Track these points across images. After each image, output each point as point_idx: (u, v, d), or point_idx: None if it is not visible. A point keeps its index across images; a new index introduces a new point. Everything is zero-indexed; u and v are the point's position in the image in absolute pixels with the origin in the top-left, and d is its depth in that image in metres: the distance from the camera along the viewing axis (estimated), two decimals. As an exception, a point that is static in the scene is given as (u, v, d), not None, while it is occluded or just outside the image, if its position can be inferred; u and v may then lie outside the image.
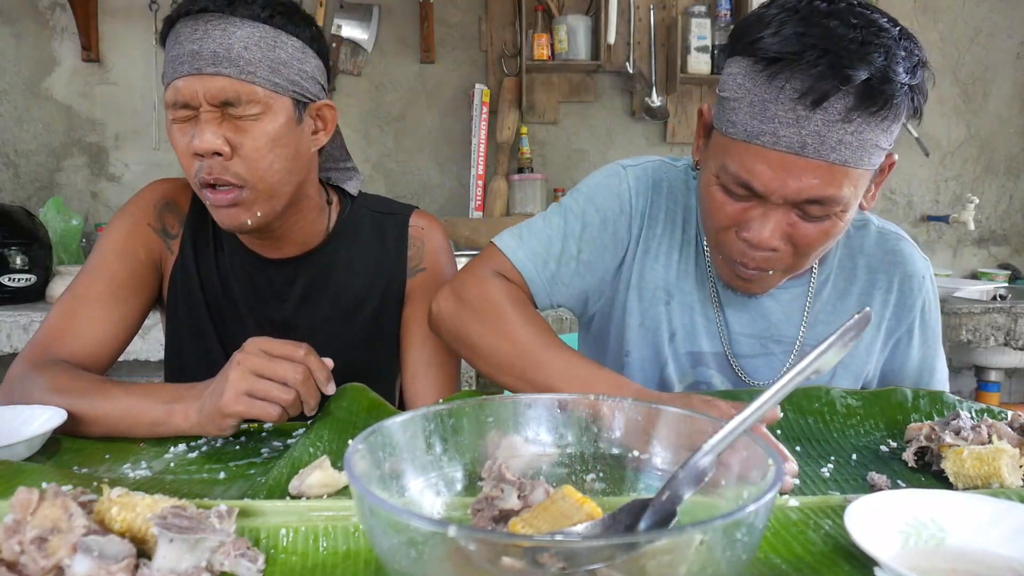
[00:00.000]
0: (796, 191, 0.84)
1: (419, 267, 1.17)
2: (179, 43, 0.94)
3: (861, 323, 0.53)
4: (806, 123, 0.80)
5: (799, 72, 0.79)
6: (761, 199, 0.87)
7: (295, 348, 0.83)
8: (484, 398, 0.62)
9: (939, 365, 1.14)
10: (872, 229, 1.10)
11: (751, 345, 1.08)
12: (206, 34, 0.93)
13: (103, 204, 2.79)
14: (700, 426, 0.57)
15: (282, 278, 1.12)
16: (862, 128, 0.81)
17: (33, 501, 0.50)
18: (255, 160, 0.96)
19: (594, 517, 0.52)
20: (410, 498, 0.56)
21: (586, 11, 2.80)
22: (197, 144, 0.93)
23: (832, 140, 0.80)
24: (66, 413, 0.84)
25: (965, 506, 0.59)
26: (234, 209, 0.98)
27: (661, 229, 1.08)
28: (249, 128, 0.95)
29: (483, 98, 2.72)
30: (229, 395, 0.80)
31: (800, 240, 0.89)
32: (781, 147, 0.82)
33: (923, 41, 0.86)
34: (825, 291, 1.08)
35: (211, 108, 0.93)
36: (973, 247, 3.14)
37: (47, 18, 2.71)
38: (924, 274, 1.09)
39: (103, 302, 1.04)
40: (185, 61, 0.93)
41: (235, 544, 0.53)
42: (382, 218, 1.18)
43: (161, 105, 2.74)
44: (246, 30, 0.94)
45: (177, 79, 0.93)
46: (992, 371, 2.74)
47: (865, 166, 0.84)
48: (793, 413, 0.91)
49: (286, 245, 1.11)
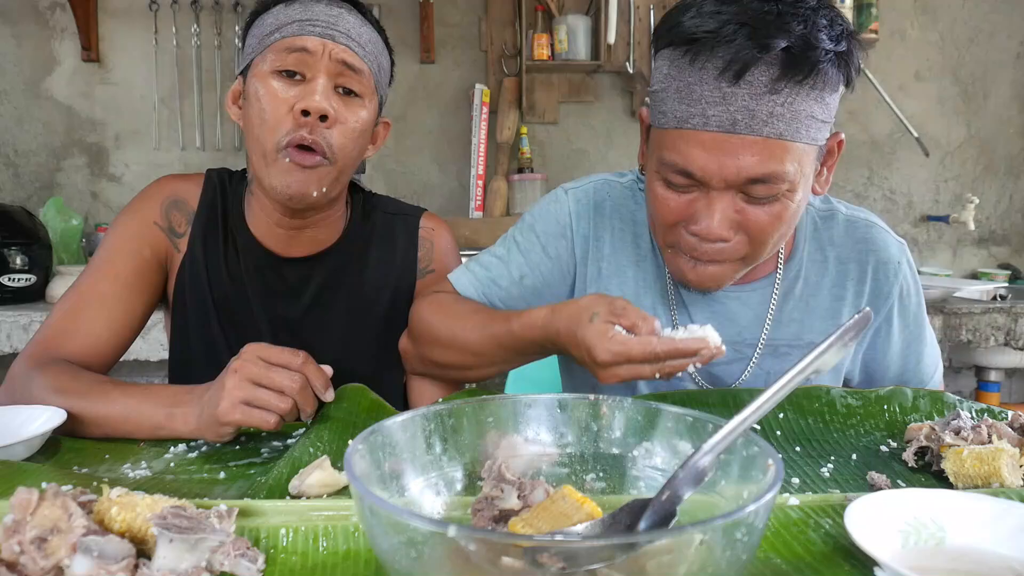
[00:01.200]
0: (735, 171, 0.82)
1: (428, 268, 1.19)
2: (307, 8, 0.99)
3: (861, 323, 0.53)
4: (733, 99, 0.79)
5: (719, 49, 0.79)
6: (704, 188, 0.85)
7: (293, 356, 0.83)
8: (484, 398, 0.62)
9: (926, 351, 1.10)
10: (840, 219, 1.06)
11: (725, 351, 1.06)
12: (340, 15, 1.00)
13: (103, 204, 2.79)
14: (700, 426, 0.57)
15: (297, 276, 1.12)
16: (791, 99, 0.79)
17: (33, 501, 0.50)
18: (348, 136, 1.01)
19: (594, 517, 0.52)
20: (410, 498, 0.56)
21: (586, 11, 2.80)
22: (310, 102, 0.96)
23: (763, 113, 0.79)
24: (65, 414, 0.83)
25: (965, 506, 0.59)
26: (312, 174, 0.99)
27: (610, 248, 1.07)
28: (353, 106, 1.01)
29: (483, 98, 2.72)
30: (226, 404, 0.79)
31: (751, 227, 0.86)
32: (712, 127, 0.81)
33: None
34: (797, 288, 1.04)
35: (329, 74, 0.98)
36: (973, 247, 3.14)
37: (47, 18, 2.71)
38: (900, 259, 1.05)
39: (107, 301, 1.04)
40: (318, 24, 0.98)
41: (235, 544, 0.53)
42: (393, 219, 1.19)
43: (161, 105, 2.75)
44: (369, 29, 1.04)
45: (303, 35, 0.97)
46: (992, 371, 2.74)
47: (803, 139, 0.82)
48: (793, 413, 0.91)
49: (304, 242, 1.11)
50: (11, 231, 2.21)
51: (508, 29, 2.87)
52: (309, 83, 0.98)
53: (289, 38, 0.98)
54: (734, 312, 1.04)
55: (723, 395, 0.93)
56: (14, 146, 2.75)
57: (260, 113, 0.98)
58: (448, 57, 2.88)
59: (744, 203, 0.85)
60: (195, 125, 2.76)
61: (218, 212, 1.11)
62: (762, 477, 0.49)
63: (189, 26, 2.72)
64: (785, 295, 1.04)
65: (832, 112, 0.86)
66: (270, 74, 0.98)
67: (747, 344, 1.05)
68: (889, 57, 2.96)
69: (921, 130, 2.95)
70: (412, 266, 1.18)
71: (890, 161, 3.06)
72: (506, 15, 2.86)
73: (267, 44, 0.99)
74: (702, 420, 0.57)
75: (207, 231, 1.11)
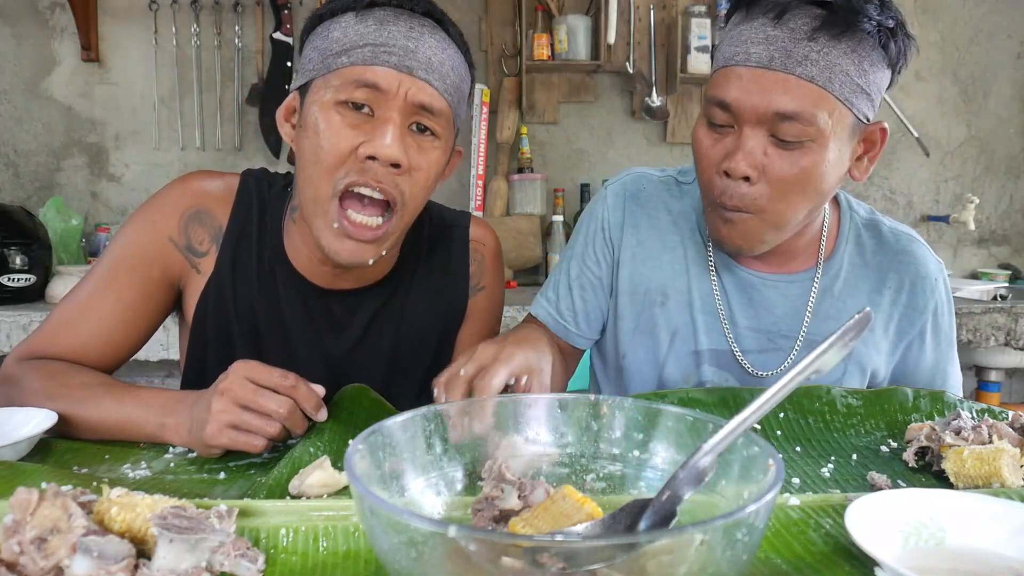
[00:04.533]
0: (766, 105, 0.87)
1: (479, 286, 1.11)
2: (383, 28, 0.85)
3: (861, 323, 0.53)
4: (774, 41, 0.87)
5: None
6: (739, 128, 0.91)
7: (282, 378, 0.79)
8: (484, 398, 0.62)
9: (952, 370, 1.12)
10: (884, 229, 1.10)
11: (757, 340, 1.08)
12: (421, 37, 0.87)
13: (103, 204, 2.79)
14: (700, 426, 0.57)
15: (343, 309, 1.02)
16: (827, 49, 0.86)
17: (33, 501, 0.50)
18: (420, 185, 0.89)
19: (594, 517, 0.52)
20: (410, 498, 0.56)
21: (586, 11, 2.80)
22: (380, 148, 0.84)
23: (798, 55, 0.86)
24: (56, 416, 0.82)
25: (965, 506, 0.59)
26: (366, 246, 0.88)
27: (645, 235, 1.12)
28: (428, 149, 0.89)
29: (483, 98, 2.72)
30: (212, 428, 0.76)
31: (774, 174, 0.90)
32: (752, 63, 0.88)
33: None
34: (836, 287, 1.07)
35: (403, 114, 0.86)
36: (973, 247, 3.14)
37: (47, 18, 2.71)
38: (937, 277, 1.08)
39: (106, 321, 0.96)
40: (394, 53, 0.85)
41: (235, 544, 0.53)
42: (442, 232, 1.09)
43: (161, 105, 2.75)
44: (453, 52, 0.90)
45: (376, 65, 0.84)
46: (992, 371, 2.74)
47: (836, 92, 0.87)
48: (793, 413, 0.91)
49: (352, 278, 1.01)
50: (11, 231, 2.21)
51: (508, 29, 2.87)
52: (379, 121, 0.85)
53: (360, 67, 0.85)
54: (771, 301, 1.07)
55: (723, 395, 0.93)
56: (14, 146, 2.75)
57: (316, 149, 0.86)
58: (448, 57, 2.88)
59: (773, 147, 0.89)
60: (195, 125, 2.76)
61: (253, 232, 0.99)
62: (762, 477, 0.49)
63: (189, 26, 2.72)
64: (824, 292, 1.07)
65: (874, 88, 0.90)
66: (333, 105, 0.86)
67: (782, 335, 1.07)
68: (889, 57, 2.96)
69: (921, 130, 2.95)
70: (464, 285, 1.08)
71: (890, 161, 3.06)
72: (506, 15, 2.86)
73: (332, 67, 0.86)
74: (702, 420, 0.57)
75: (238, 251, 0.99)
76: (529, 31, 2.77)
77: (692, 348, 1.09)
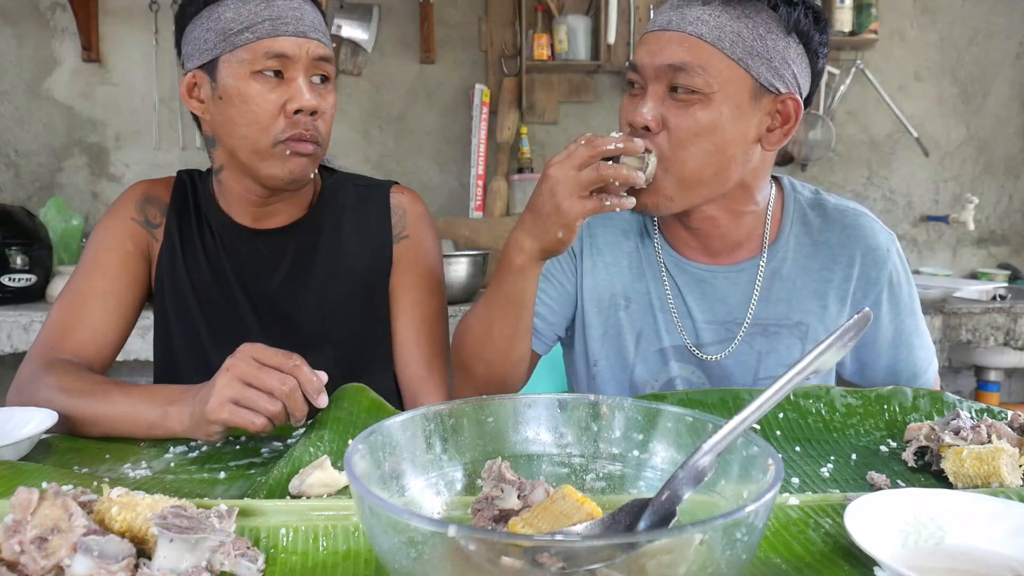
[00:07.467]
0: (661, 59, 0.95)
1: (403, 234, 1.21)
2: (272, 5, 1.00)
3: (860, 323, 0.53)
4: (676, 7, 0.97)
5: None
6: (644, 84, 0.98)
7: (286, 358, 0.82)
8: (484, 398, 0.62)
9: (918, 342, 1.11)
10: (828, 207, 1.11)
11: (716, 332, 1.09)
12: (301, 7, 1.03)
13: (103, 204, 2.79)
14: (700, 426, 0.57)
15: (272, 248, 1.15)
16: (718, 12, 0.94)
17: (33, 501, 0.50)
18: (328, 121, 1.07)
19: (594, 517, 0.52)
20: (410, 498, 0.56)
21: (586, 11, 2.80)
22: (302, 102, 1.00)
23: (690, 16, 0.95)
24: (56, 416, 0.84)
25: (965, 506, 0.59)
26: (310, 159, 1.05)
27: (603, 241, 1.14)
28: (328, 93, 1.06)
29: (483, 98, 2.72)
30: (214, 402, 0.79)
31: (671, 123, 0.95)
32: (656, 27, 0.98)
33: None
34: (785, 268, 1.08)
35: (307, 71, 1.02)
36: (973, 247, 3.14)
37: (47, 18, 2.71)
38: (889, 247, 1.08)
39: (101, 297, 1.09)
40: (288, 23, 1.00)
41: (235, 544, 0.53)
42: (364, 190, 1.23)
43: (161, 105, 2.75)
44: (314, 7, 1.06)
45: (278, 36, 1.00)
46: (992, 371, 2.74)
47: (728, 51, 0.93)
48: (793, 413, 0.91)
49: (276, 214, 1.15)
50: (11, 231, 2.21)
51: (508, 29, 2.87)
52: (292, 82, 1.02)
53: (266, 40, 0.99)
54: (723, 292, 1.09)
55: (723, 395, 0.93)
56: (14, 146, 2.75)
57: (247, 113, 1.01)
58: (448, 57, 2.88)
59: (671, 100, 0.96)
60: (195, 125, 2.76)
61: (190, 201, 1.17)
62: (762, 477, 0.49)
63: (189, 26, 2.72)
64: (772, 275, 1.09)
65: (776, 56, 0.95)
66: (250, 76, 1.00)
67: (735, 323, 1.09)
68: (889, 57, 2.96)
69: (921, 130, 2.95)
70: (387, 233, 1.20)
71: (890, 161, 3.06)
72: (506, 15, 2.86)
73: (238, 44, 1.00)
74: (702, 420, 0.57)
75: (181, 218, 1.16)
76: (529, 31, 2.77)
77: (657, 347, 1.11)
